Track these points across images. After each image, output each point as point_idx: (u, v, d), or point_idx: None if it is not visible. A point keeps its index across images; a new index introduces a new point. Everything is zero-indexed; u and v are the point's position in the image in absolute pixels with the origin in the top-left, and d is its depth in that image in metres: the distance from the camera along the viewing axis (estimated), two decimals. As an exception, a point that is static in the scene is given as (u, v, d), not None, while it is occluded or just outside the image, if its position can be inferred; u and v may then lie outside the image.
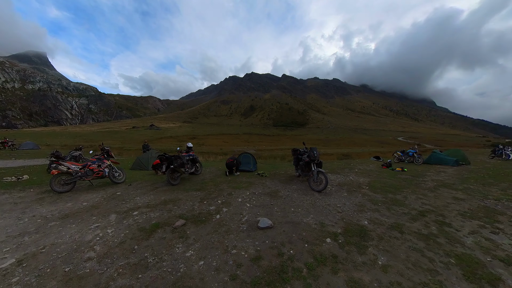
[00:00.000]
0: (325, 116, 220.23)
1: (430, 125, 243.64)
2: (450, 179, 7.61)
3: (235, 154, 11.88)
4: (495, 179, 7.58)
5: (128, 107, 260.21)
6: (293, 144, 57.76)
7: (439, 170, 9.57)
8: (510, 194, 5.52)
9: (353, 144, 69.07)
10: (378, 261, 2.62)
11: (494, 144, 16.09)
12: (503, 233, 3.40)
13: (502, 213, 4.21)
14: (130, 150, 25.13)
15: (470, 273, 2.42)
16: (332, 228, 3.44)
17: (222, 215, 4.01)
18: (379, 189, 5.87)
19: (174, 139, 64.91)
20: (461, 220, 3.87)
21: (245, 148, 43.30)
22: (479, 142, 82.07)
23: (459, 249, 2.90)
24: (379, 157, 14.55)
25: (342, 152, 26.97)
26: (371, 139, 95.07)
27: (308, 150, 6.22)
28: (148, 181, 7.21)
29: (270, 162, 13.86)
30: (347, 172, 8.57)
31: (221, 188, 5.87)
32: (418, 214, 4.10)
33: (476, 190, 5.94)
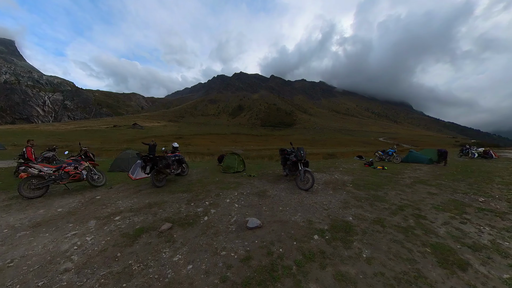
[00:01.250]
0: (311, 117, 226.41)
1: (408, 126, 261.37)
2: (425, 176, 8.23)
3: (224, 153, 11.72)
4: (463, 175, 8.34)
5: (108, 104, 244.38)
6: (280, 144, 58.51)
7: (415, 168, 10.30)
8: (475, 189, 6.12)
9: (338, 144, 71.65)
10: (362, 254, 2.76)
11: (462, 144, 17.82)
12: (470, 223, 3.78)
13: (469, 205, 4.66)
14: (110, 150, 23.72)
15: (443, 260, 2.66)
16: (319, 225, 3.55)
17: (210, 217, 3.95)
18: (362, 186, 6.17)
19: (159, 139, 62.30)
20: (435, 212, 4.21)
21: (233, 148, 42.98)
22: (449, 142, 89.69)
23: (434, 239, 3.17)
24: (362, 157, 15.25)
25: (327, 152, 27.83)
26: (354, 139, 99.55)
27: (295, 150, 6.28)
28: (130, 183, 6.87)
29: (258, 162, 13.88)
30: (333, 171, 8.87)
31: (209, 189, 5.78)
32: (398, 208, 4.38)
33: (447, 185, 6.49)
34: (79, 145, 7.17)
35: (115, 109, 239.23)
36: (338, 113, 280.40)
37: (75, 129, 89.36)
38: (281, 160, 7.23)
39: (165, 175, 6.57)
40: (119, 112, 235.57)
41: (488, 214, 4.18)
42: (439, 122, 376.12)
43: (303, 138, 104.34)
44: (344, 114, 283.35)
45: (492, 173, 8.84)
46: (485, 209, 4.45)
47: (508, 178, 7.89)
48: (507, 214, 4.18)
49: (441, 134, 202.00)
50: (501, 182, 7.13)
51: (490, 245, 3.04)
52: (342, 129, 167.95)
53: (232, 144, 59.21)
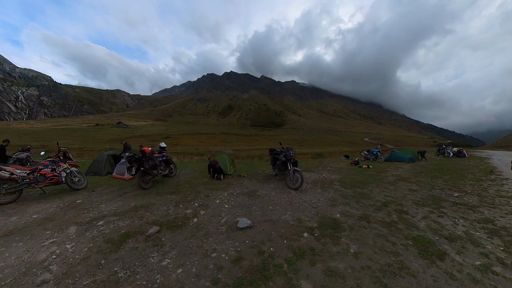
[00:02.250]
0: (300, 117, 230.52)
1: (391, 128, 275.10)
2: (406, 173, 8.72)
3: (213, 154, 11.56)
4: (439, 172, 8.96)
5: (90, 101, 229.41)
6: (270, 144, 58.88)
7: (398, 167, 10.88)
8: (450, 185, 6.61)
9: (325, 144, 73.64)
10: (350, 249, 2.87)
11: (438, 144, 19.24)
12: (446, 216, 4.08)
13: (445, 200, 5.02)
14: (92, 151, 22.48)
15: (423, 251, 2.85)
16: (308, 223, 3.64)
17: (200, 218, 3.88)
18: (349, 184, 6.40)
19: (145, 139, 59.75)
20: (415, 207, 4.49)
21: (222, 148, 42.53)
22: (428, 142, 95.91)
23: (415, 232, 3.38)
24: (349, 156, 15.86)
25: (316, 152, 28.42)
26: (341, 139, 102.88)
27: (284, 150, 6.38)
28: (115, 185, 6.56)
29: (248, 162, 13.89)
30: (321, 170, 9.11)
31: (198, 190, 5.69)
32: (382, 205, 4.60)
33: (426, 182, 6.93)
34: (57, 145, 6.70)
35: (98, 107, 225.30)
36: (326, 114, 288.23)
37: (53, 127, 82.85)
38: (271, 160, 7.30)
39: (152, 177, 6.35)
40: (102, 110, 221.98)
41: (462, 207, 4.53)
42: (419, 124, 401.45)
43: (292, 138, 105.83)
44: (331, 115, 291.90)
45: (465, 171, 9.59)
46: (459, 203, 4.82)
47: (478, 174, 8.60)
48: (478, 207, 4.55)
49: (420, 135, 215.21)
50: (472, 178, 7.77)
51: (464, 235, 3.30)
52: (329, 129, 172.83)
53: (221, 144, 58.51)
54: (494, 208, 4.52)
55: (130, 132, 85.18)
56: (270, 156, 7.32)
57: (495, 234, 3.37)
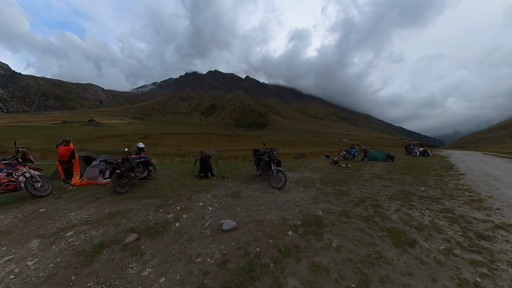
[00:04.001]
0: (284, 119, 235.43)
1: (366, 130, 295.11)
2: (380, 171, 9.44)
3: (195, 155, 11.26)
4: (409, 170, 9.87)
5: (57, 96, 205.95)
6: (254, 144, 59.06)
7: (373, 165, 11.70)
8: (418, 180, 7.32)
9: (307, 144, 76.08)
10: (332, 244, 3.02)
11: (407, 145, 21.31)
12: (415, 208, 4.51)
13: (413, 194, 5.55)
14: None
15: (397, 241, 3.12)
16: (292, 221, 3.74)
17: (182, 223, 3.76)
18: (329, 183, 6.70)
19: (120, 139, 55.06)
20: (388, 202, 4.88)
21: (205, 148, 41.65)
22: (398, 143, 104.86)
23: (389, 224, 3.67)
24: (329, 156, 16.60)
25: (298, 152, 29.25)
26: (322, 140, 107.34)
27: (268, 151, 6.43)
28: (85, 191, 6.02)
29: (231, 162, 13.75)
30: (303, 170, 9.39)
31: (180, 193, 5.51)
32: (359, 201, 4.92)
33: (397, 179, 7.57)
34: (15, 145, 5.93)
35: (66, 102, 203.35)
36: (308, 116, 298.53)
37: (9, 124, 71.76)
38: (255, 161, 7.32)
39: (129, 180, 5.98)
40: (71, 105, 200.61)
41: (427, 200, 5.05)
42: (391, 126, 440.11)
43: (276, 139, 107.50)
44: (313, 117, 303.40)
45: (429, 168, 10.69)
46: (425, 196, 5.37)
47: (440, 171, 9.66)
48: (440, 199, 5.11)
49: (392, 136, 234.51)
50: (436, 174, 8.70)
51: (430, 224, 3.69)
52: (311, 131, 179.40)
53: (204, 145, 57.02)
54: (453, 200, 5.12)
55: (103, 131, 77.52)
56: (254, 157, 7.30)
57: (454, 221, 3.82)
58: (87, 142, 41.70)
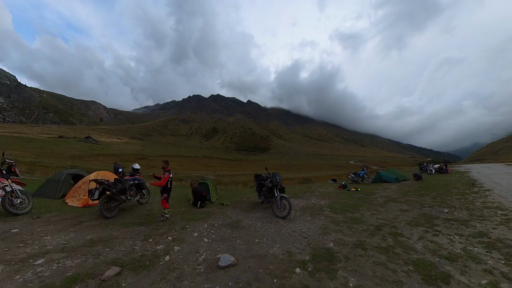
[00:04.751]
0: (286, 142, 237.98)
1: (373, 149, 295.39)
2: (395, 194, 9.06)
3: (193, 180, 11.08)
4: (426, 190, 9.47)
5: (58, 110, 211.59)
6: (255, 169, 58.37)
7: (385, 187, 11.30)
8: (439, 201, 6.96)
9: (312, 168, 75.13)
10: (349, 283, 2.66)
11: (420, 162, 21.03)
12: (441, 234, 4.14)
13: (436, 217, 5.19)
14: (48, 167, 20.06)
15: (427, 276, 2.75)
16: (300, 256, 3.39)
17: (173, 256, 3.44)
18: (339, 209, 6.39)
19: (116, 158, 54.10)
20: (409, 228, 4.52)
21: (204, 173, 41.15)
22: (409, 161, 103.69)
23: (413, 255, 3.31)
24: (336, 180, 16.17)
25: (303, 177, 28.82)
26: (327, 163, 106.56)
27: (270, 176, 6.39)
28: (68, 212, 5.79)
29: (231, 188, 13.54)
30: (309, 196, 9.06)
31: (173, 221, 5.27)
32: (375, 229, 4.57)
33: (415, 201, 7.21)
34: (2, 156, 5.88)
35: (66, 117, 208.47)
36: (311, 139, 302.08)
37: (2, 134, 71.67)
38: (256, 187, 7.22)
39: (119, 203, 5.81)
40: (70, 120, 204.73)
41: (454, 223, 4.69)
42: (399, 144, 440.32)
43: (278, 163, 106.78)
44: (316, 139, 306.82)
45: (449, 186, 10.27)
46: (451, 219, 5.00)
47: (462, 188, 9.24)
48: (469, 221, 4.75)
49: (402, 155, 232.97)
50: (458, 193, 8.31)
51: (463, 253, 3.32)
52: (315, 153, 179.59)
53: (203, 169, 56.39)
54: (484, 221, 4.75)
55: (99, 149, 77.17)
56: (256, 182, 7.24)
57: (492, 247, 3.45)
58: (80, 159, 41.43)
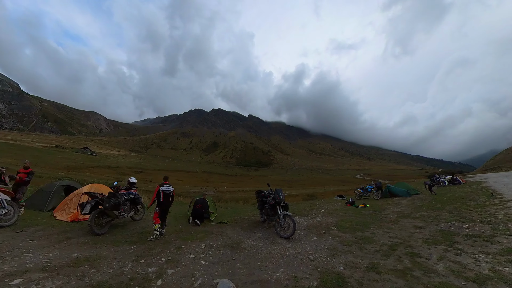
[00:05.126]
0: (288, 157, 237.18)
1: (380, 162, 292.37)
2: (407, 209, 8.71)
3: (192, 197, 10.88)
4: (441, 204, 9.11)
5: (57, 119, 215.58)
6: (257, 185, 57.59)
7: (396, 202, 10.91)
8: (456, 216, 6.63)
9: (316, 183, 73.96)
10: (363, 314, 2.39)
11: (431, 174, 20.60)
12: (464, 252, 3.85)
13: (456, 234, 4.89)
14: (40, 177, 19.91)
15: (453, 304, 2.47)
16: (306, 282, 3.13)
17: (166, 280, 3.22)
18: (347, 228, 6.12)
19: (112, 171, 54.47)
20: (427, 247, 4.24)
21: (203, 189, 40.60)
22: (419, 173, 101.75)
23: (435, 278, 3.03)
24: (343, 195, 15.72)
25: (307, 193, 28.39)
26: (332, 178, 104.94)
27: (273, 192, 6.30)
28: (56, 227, 5.63)
29: (231, 206, 13.34)
30: (314, 213, 8.77)
31: (168, 240, 5.08)
32: (389, 249, 4.29)
33: (430, 216, 6.89)
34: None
35: (65, 127, 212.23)
36: (314, 153, 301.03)
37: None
38: (258, 204, 7.12)
39: (111, 219, 5.63)
40: (69, 130, 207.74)
41: (477, 240, 4.39)
42: (406, 155, 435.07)
43: (281, 178, 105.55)
44: (320, 153, 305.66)
45: (466, 198, 9.85)
46: (473, 235, 4.70)
47: (481, 200, 8.83)
48: (494, 237, 4.44)
49: (411, 167, 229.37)
50: (477, 205, 7.92)
51: (492, 274, 3.03)
52: (319, 168, 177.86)
53: (202, 184, 55.74)
54: (511, 235, 4.43)
55: (95, 160, 77.23)
56: (257, 199, 7.14)
57: (524, 267, 3.15)
58: (75, 170, 41.07)
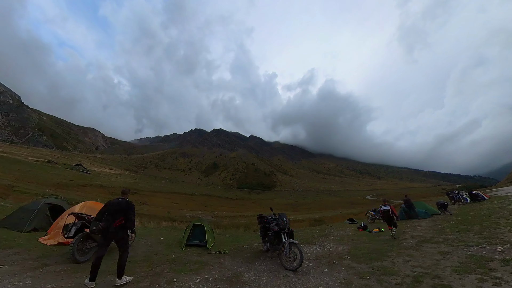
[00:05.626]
0: (292, 178, 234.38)
1: (391, 181, 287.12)
2: (428, 232, 8.24)
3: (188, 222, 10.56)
4: (466, 224, 8.61)
5: (54, 133, 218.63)
6: (259, 210, 56.24)
7: (414, 225, 10.36)
8: (487, 237, 6.18)
9: (324, 207, 72.25)
10: None
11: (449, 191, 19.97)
12: (504, 282, 3.44)
13: (490, 259, 4.46)
14: (25, 193, 20.03)
15: None
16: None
17: None
18: (362, 257, 5.73)
19: (104, 190, 53.55)
20: (458, 278, 3.83)
21: (200, 213, 39.48)
22: (436, 191, 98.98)
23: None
24: (354, 219, 15.17)
25: (314, 217, 27.74)
26: (341, 200, 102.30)
27: (276, 217, 6.16)
28: (33, 250, 5.36)
29: (231, 233, 13.01)
30: (323, 241, 8.36)
31: (158, 272, 4.89)
32: (413, 281, 3.90)
33: (456, 240, 6.44)
34: None
35: (60, 141, 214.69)
36: (319, 174, 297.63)
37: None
38: (260, 231, 6.99)
39: (96, 244, 5.44)
40: (64, 146, 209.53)
41: (517, 265, 3.95)
42: (419, 172, 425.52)
43: (285, 202, 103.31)
44: (325, 174, 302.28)
45: (494, 216, 9.30)
46: (510, 259, 4.27)
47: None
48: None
49: (425, 184, 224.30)
50: (508, 223, 7.41)
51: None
52: (326, 190, 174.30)
53: (200, 208, 54.82)
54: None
55: (88, 178, 76.80)
56: (259, 226, 7.01)
57: None
58: (64, 188, 40.33)
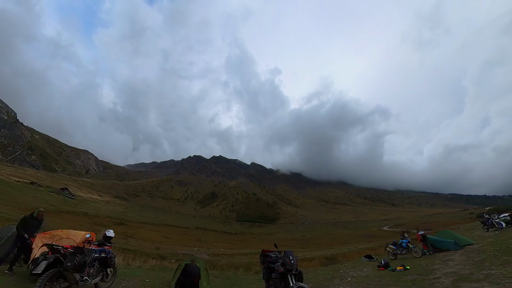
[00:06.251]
0: (298, 209, 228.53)
1: (409, 208, 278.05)
2: (464, 267, 7.57)
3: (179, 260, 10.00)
4: (508, 254, 8.01)
5: (44, 153, 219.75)
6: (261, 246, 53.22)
7: (445, 259, 9.68)
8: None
9: (335, 241, 69.43)
10: None
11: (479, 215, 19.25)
12: None
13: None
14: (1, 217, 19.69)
15: None
16: None
17: None
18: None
19: (88, 219, 52.11)
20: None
21: (194, 250, 37.24)
22: (463, 216, 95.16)
23: None
24: (372, 256, 14.44)
25: (325, 255, 26.65)
26: (354, 233, 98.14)
27: (282, 255, 5.84)
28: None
29: (229, 274, 12.54)
30: (338, 284, 7.90)
31: None
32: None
33: (501, 275, 5.85)
34: None
35: (49, 162, 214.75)
36: (327, 203, 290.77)
37: None
38: (263, 272, 6.51)
39: (68, 285, 5.07)
40: (53, 167, 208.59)
41: None
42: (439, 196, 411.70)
43: (291, 237, 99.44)
44: (334, 203, 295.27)
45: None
46: None
47: None
48: None
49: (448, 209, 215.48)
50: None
51: None
52: (336, 221, 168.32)
53: (194, 244, 52.92)
54: None
55: (72, 204, 74.83)
56: (262, 266, 6.66)
57: None
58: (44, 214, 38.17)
